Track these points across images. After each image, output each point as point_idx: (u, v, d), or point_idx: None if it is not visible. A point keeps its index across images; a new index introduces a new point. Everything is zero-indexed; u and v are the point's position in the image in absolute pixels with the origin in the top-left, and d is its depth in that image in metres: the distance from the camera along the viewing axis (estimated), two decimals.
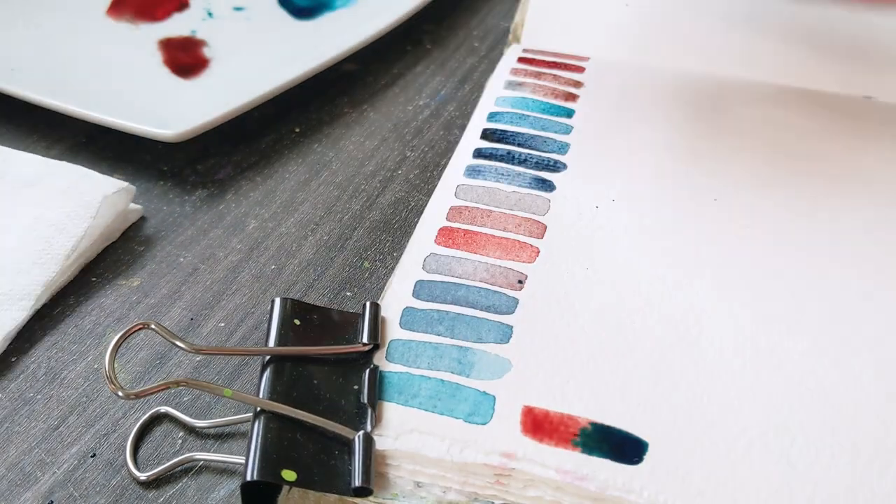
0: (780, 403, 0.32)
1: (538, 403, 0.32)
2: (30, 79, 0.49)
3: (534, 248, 0.39)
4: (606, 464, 0.30)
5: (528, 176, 0.42)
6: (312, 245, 0.43)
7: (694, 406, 0.32)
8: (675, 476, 0.30)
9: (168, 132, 0.45)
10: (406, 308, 0.36)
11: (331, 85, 0.54)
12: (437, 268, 0.38)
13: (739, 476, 0.30)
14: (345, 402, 0.32)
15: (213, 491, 0.33)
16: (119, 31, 0.56)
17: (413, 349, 0.34)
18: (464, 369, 0.33)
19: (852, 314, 0.36)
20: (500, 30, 0.58)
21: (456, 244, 0.39)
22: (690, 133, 0.46)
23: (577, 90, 0.49)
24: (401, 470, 0.31)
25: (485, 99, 0.48)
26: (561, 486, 0.30)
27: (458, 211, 0.41)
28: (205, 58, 0.54)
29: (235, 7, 0.59)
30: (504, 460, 0.30)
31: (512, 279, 0.37)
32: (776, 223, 0.40)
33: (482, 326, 0.35)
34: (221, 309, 0.40)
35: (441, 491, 0.31)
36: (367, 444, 0.30)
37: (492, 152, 0.44)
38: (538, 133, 0.45)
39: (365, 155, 0.49)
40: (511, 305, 0.36)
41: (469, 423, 0.31)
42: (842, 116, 0.48)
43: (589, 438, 0.31)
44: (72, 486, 0.33)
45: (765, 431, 0.31)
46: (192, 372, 0.37)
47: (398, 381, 0.33)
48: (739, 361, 0.34)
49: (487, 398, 0.32)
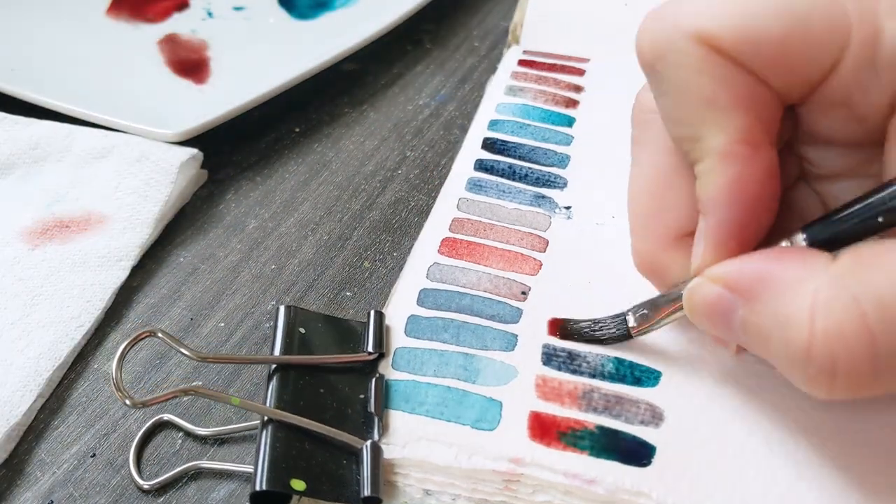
0: (786, 407, 0.32)
1: (546, 408, 0.32)
2: (30, 79, 0.49)
3: (536, 261, 0.39)
4: (615, 467, 0.30)
5: (529, 193, 0.42)
6: (312, 245, 0.43)
7: (700, 410, 0.32)
8: (684, 479, 0.30)
9: (168, 132, 0.45)
10: (411, 316, 0.36)
11: (331, 85, 0.53)
12: (441, 277, 0.38)
13: (747, 479, 0.30)
14: (351, 412, 0.33)
15: (212, 491, 0.33)
16: (119, 31, 0.56)
17: (419, 357, 0.34)
18: (470, 376, 0.33)
19: None
20: (500, 30, 0.58)
21: (459, 254, 0.39)
22: None
23: (577, 95, 0.48)
24: (409, 478, 0.31)
25: (485, 104, 0.48)
26: (570, 490, 0.30)
27: (461, 223, 0.41)
28: (205, 58, 0.54)
29: (235, 7, 0.59)
30: (512, 466, 0.30)
31: (515, 290, 0.37)
32: None
33: (487, 334, 0.35)
34: (221, 309, 0.40)
35: (450, 498, 0.31)
36: (375, 453, 0.31)
37: (493, 165, 0.44)
38: (539, 145, 0.45)
39: (365, 155, 0.49)
40: (515, 315, 0.36)
41: (476, 430, 0.32)
42: None
43: (597, 442, 0.31)
44: (72, 486, 0.33)
45: (771, 435, 0.31)
46: (192, 372, 0.37)
47: (405, 388, 0.33)
48: (744, 366, 0.34)
49: (494, 404, 0.32)
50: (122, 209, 0.42)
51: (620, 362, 0.34)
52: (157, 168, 0.43)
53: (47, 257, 0.40)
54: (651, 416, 0.32)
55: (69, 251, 0.41)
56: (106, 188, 0.43)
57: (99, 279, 0.40)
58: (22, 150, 0.45)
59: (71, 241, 0.41)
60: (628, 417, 0.32)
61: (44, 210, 0.43)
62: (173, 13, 0.58)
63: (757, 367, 0.33)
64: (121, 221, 0.42)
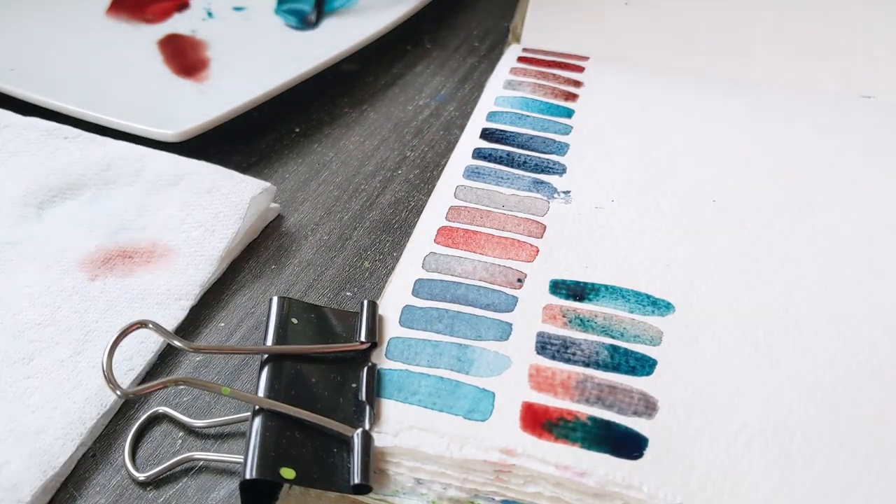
0: (780, 400, 0.32)
1: (538, 399, 0.32)
2: (30, 79, 0.50)
3: (533, 247, 0.39)
4: (606, 459, 0.30)
5: (527, 179, 0.42)
6: (312, 245, 0.43)
7: (694, 402, 0.32)
8: (675, 471, 0.30)
9: (168, 132, 0.45)
10: (406, 306, 0.36)
11: (331, 85, 0.54)
12: (436, 267, 0.38)
13: (739, 471, 0.30)
14: (343, 401, 0.32)
15: (212, 491, 0.33)
16: (119, 31, 0.56)
17: (412, 347, 0.34)
18: (463, 366, 0.33)
19: (851, 313, 0.36)
20: (500, 30, 0.58)
21: (455, 243, 0.39)
22: (689, 133, 0.46)
23: (576, 90, 0.49)
24: (401, 467, 0.31)
25: (484, 98, 0.48)
26: (561, 481, 0.30)
27: (458, 211, 0.41)
28: (205, 58, 0.54)
29: (235, 7, 0.59)
30: (503, 456, 0.30)
31: (511, 278, 0.37)
32: (775, 223, 0.40)
33: (481, 324, 0.35)
34: (221, 309, 0.40)
35: (441, 487, 0.31)
36: (365, 441, 0.30)
37: (491, 153, 0.44)
38: (538, 133, 0.45)
39: (365, 155, 0.49)
40: (510, 303, 0.36)
41: (469, 420, 0.31)
42: (842, 116, 0.48)
43: (589, 433, 0.31)
44: (72, 486, 0.33)
45: (764, 427, 0.31)
46: (192, 371, 0.37)
47: (397, 378, 0.33)
48: (739, 358, 0.34)
49: (487, 395, 0.32)
50: (188, 243, 0.41)
51: (615, 350, 0.34)
52: (226, 201, 0.42)
53: (106, 289, 0.39)
54: (645, 406, 0.32)
55: (129, 285, 0.39)
56: (174, 219, 0.42)
57: (157, 318, 0.38)
58: (94, 171, 0.44)
59: (132, 274, 0.40)
60: (621, 408, 0.32)
61: (109, 237, 0.41)
62: (173, 13, 0.58)
63: (752, 357, 0.33)
64: (185, 257, 0.40)
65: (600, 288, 0.37)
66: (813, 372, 0.33)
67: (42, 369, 0.35)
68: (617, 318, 0.35)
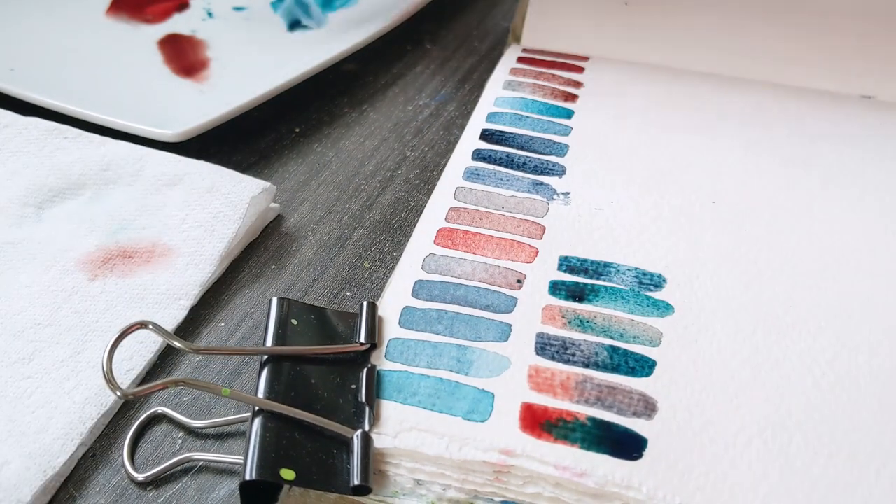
0: (779, 401, 0.32)
1: (538, 400, 0.32)
2: (30, 79, 0.50)
3: (532, 248, 0.39)
4: (605, 459, 0.30)
5: (526, 180, 0.42)
6: (312, 245, 0.43)
7: (693, 402, 0.32)
8: (674, 472, 0.30)
9: (168, 132, 0.45)
10: (405, 307, 0.36)
11: (331, 85, 0.54)
12: (436, 268, 0.38)
13: (738, 472, 0.30)
14: (342, 402, 0.32)
15: (212, 491, 0.33)
16: (119, 31, 0.56)
17: (412, 348, 0.34)
18: (463, 367, 0.33)
19: (850, 314, 0.36)
20: (500, 30, 0.58)
21: (455, 245, 0.39)
22: (689, 133, 0.46)
23: (576, 90, 0.49)
24: (400, 468, 0.31)
25: (484, 99, 0.48)
26: (560, 482, 0.30)
27: (457, 212, 0.41)
28: (205, 58, 0.54)
29: (235, 7, 0.59)
30: (503, 457, 0.30)
31: (511, 279, 0.37)
32: (774, 224, 0.40)
33: (481, 325, 0.35)
34: (221, 309, 0.40)
35: (441, 488, 0.31)
36: (365, 442, 0.30)
37: (491, 155, 0.44)
38: (537, 135, 0.45)
39: (365, 155, 0.49)
40: (510, 304, 0.36)
41: (468, 421, 0.31)
42: (841, 116, 0.48)
43: (588, 434, 0.31)
44: (72, 486, 0.33)
45: (763, 428, 0.31)
46: (192, 372, 0.37)
47: (397, 379, 0.33)
48: (738, 359, 0.34)
49: (486, 396, 0.32)
50: (188, 243, 0.41)
51: (615, 350, 0.34)
52: (226, 201, 0.42)
53: (106, 289, 0.39)
54: (644, 406, 0.32)
55: (129, 285, 0.39)
56: (173, 218, 0.42)
57: (156, 318, 0.38)
58: (94, 170, 0.44)
59: (132, 274, 0.39)
60: (621, 408, 0.32)
61: (109, 237, 0.41)
62: (173, 13, 0.58)
63: (752, 358, 0.33)
64: (185, 256, 0.40)
65: (600, 289, 0.37)
66: (812, 373, 0.33)
67: (42, 369, 0.35)
68: (616, 319, 0.35)
